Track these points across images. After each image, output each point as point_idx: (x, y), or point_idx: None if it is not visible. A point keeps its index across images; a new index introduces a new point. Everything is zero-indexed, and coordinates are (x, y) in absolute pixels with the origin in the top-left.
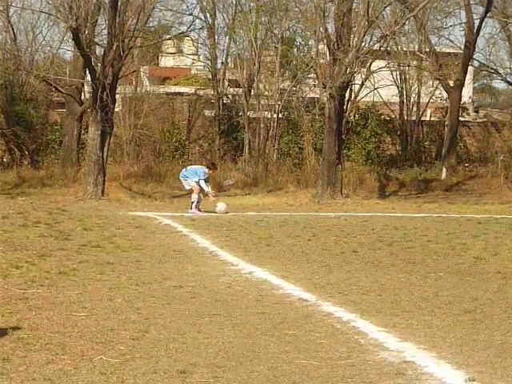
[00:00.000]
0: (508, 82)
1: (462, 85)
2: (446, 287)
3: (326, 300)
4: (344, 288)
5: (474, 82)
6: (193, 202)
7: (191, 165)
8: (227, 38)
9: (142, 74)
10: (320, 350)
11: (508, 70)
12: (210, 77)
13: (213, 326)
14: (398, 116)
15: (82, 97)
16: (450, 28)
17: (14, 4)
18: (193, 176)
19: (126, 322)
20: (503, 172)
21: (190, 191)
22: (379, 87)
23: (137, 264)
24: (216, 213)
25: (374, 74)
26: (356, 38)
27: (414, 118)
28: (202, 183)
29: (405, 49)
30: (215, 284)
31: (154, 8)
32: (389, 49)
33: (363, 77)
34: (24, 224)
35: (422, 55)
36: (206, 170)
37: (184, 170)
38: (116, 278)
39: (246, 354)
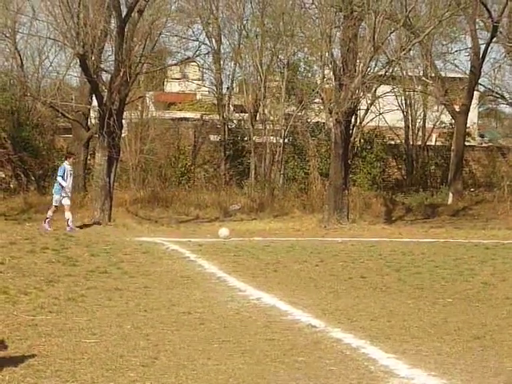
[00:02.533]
0: None
1: (468, 110)
2: (454, 313)
3: (334, 326)
4: (353, 314)
5: (479, 107)
6: (47, 218)
7: None
8: (233, 63)
9: (147, 99)
10: (330, 376)
11: None
12: (216, 102)
13: (222, 353)
14: (403, 141)
15: (89, 122)
16: (456, 53)
17: (20, 30)
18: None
19: (136, 349)
20: (510, 197)
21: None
22: (384, 112)
23: (145, 290)
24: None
25: (380, 99)
26: (362, 64)
27: (419, 142)
28: (60, 179)
29: (410, 74)
30: (223, 310)
31: (160, 34)
32: (394, 74)
33: (369, 102)
34: (32, 250)
35: (427, 80)
36: (66, 162)
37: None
38: (124, 304)
39: (256, 381)
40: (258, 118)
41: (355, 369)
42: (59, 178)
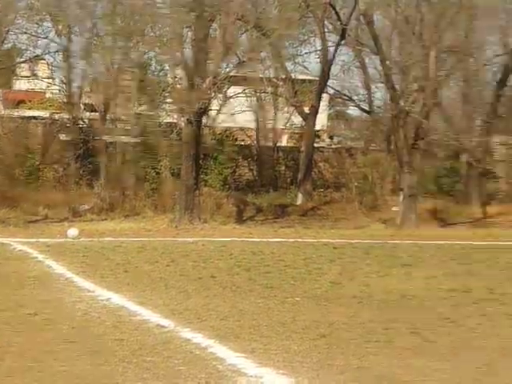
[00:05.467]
0: (361, 109)
1: (317, 111)
2: (302, 312)
3: (184, 326)
4: (202, 314)
5: (329, 109)
6: None
7: None
8: (83, 61)
9: None
10: (178, 376)
11: (361, 96)
12: (66, 101)
13: (69, 354)
14: (254, 141)
15: None
16: (305, 55)
17: None
18: None
19: None
20: (357, 198)
21: None
22: (236, 113)
23: None
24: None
25: (231, 100)
26: (213, 64)
27: (270, 143)
28: None
29: (261, 75)
30: (72, 311)
31: (8, 31)
32: (245, 75)
33: (220, 102)
34: None
35: (277, 82)
36: None
37: None
38: None
39: (103, 382)
40: (109, 117)
41: (203, 368)
42: None
